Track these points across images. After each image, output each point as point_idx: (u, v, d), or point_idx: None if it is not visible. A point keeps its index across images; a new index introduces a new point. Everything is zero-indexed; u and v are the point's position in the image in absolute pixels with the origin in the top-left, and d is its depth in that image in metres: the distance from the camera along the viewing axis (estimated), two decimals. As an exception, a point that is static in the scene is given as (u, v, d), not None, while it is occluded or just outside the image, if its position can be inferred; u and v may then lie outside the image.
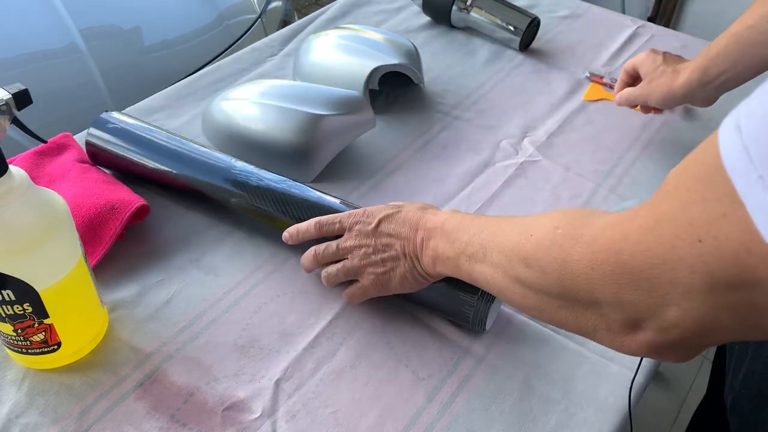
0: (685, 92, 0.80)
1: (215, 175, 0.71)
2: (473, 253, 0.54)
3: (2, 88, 0.52)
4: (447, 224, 0.58)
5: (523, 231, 0.50)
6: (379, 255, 0.62)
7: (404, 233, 0.61)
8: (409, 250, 0.61)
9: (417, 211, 0.63)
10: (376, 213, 0.63)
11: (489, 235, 0.54)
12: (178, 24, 1.47)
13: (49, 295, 0.55)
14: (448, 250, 0.57)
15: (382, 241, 0.62)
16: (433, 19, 1.14)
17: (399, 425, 0.58)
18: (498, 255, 0.52)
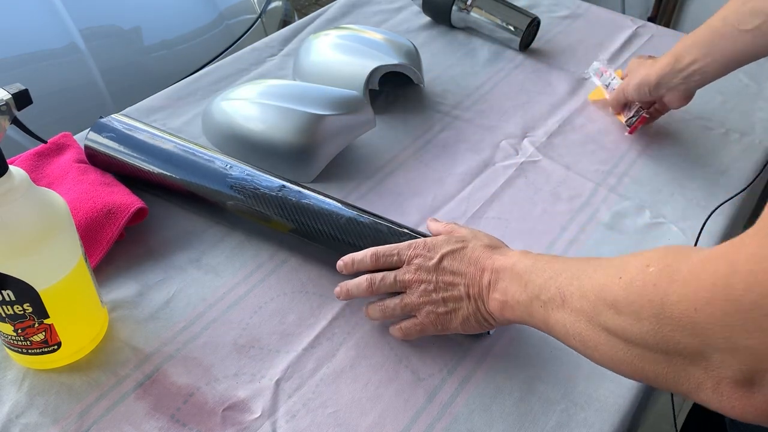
0: (658, 78, 0.80)
1: (212, 180, 0.71)
2: (550, 298, 0.49)
3: (2, 88, 0.52)
4: (518, 266, 0.54)
5: (609, 272, 0.44)
6: (441, 294, 0.58)
7: (470, 273, 0.57)
8: (473, 291, 0.57)
9: (484, 249, 0.58)
10: (438, 247, 0.59)
11: (568, 278, 0.48)
12: (178, 24, 1.47)
13: (49, 295, 0.55)
14: (519, 294, 0.53)
15: (444, 279, 0.58)
16: (433, 19, 1.14)
17: (399, 425, 0.58)
18: (580, 300, 0.46)
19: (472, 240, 0.60)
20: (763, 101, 0.99)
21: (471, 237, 0.60)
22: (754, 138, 0.92)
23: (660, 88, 0.81)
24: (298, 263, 0.71)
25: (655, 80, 0.80)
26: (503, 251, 0.58)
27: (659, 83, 0.80)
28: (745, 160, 0.88)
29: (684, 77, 0.78)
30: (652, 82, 0.81)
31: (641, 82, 0.82)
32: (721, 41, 0.74)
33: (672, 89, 0.80)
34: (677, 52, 0.78)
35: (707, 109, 0.97)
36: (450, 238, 0.60)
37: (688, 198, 0.82)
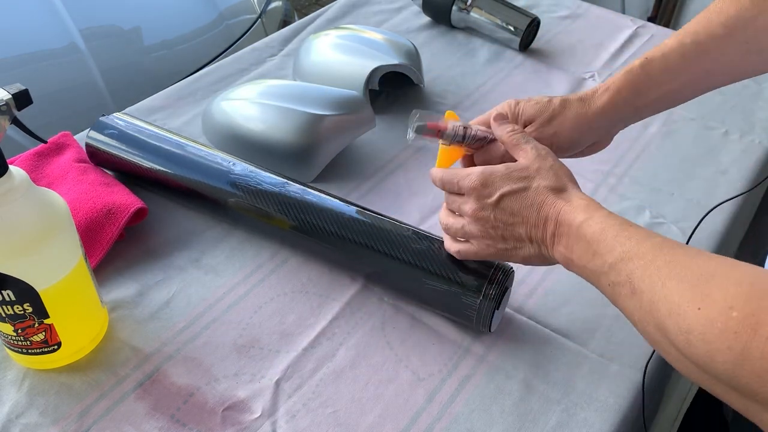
0: (606, 115, 0.63)
1: (214, 177, 0.71)
2: (618, 283, 0.47)
3: (2, 88, 0.52)
4: (584, 228, 0.51)
5: (687, 293, 0.41)
6: (500, 231, 0.56)
7: (532, 218, 0.54)
8: (536, 236, 0.55)
9: (547, 192, 0.54)
10: (497, 184, 0.55)
11: (640, 268, 0.45)
12: (178, 24, 1.47)
13: (49, 295, 0.55)
14: (586, 261, 0.50)
15: (503, 219, 0.55)
16: (433, 19, 1.14)
17: (399, 425, 0.58)
18: (650, 304, 0.43)
19: (536, 178, 0.55)
20: (763, 101, 0.99)
21: (534, 173, 0.56)
22: (754, 138, 0.92)
23: (602, 128, 0.65)
24: (298, 263, 0.71)
25: (600, 119, 0.63)
26: (569, 195, 0.54)
27: (605, 120, 0.64)
28: (745, 160, 0.88)
29: (645, 108, 0.65)
30: (594, 124, 0.64)
31: (579, 128, 0.64)
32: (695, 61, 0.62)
33: (618, 124, 0.66)
34: (632, 83, 0.63)
35: (707, 109, 0.97)
36: (510, 173, 0.56)
37: (688, 198, 0.82)
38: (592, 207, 0.52)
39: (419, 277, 0.63)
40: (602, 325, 0.67)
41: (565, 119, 0.63)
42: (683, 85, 0.63)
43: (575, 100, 0.64)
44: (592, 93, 0.64)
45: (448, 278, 0.62)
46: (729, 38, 0.60)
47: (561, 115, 0.63)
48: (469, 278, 0.61)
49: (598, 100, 0.63)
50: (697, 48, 0.61)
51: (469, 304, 0.61)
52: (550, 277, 0.71)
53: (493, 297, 0.61)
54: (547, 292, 0.70)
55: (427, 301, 0.65)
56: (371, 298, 0.68)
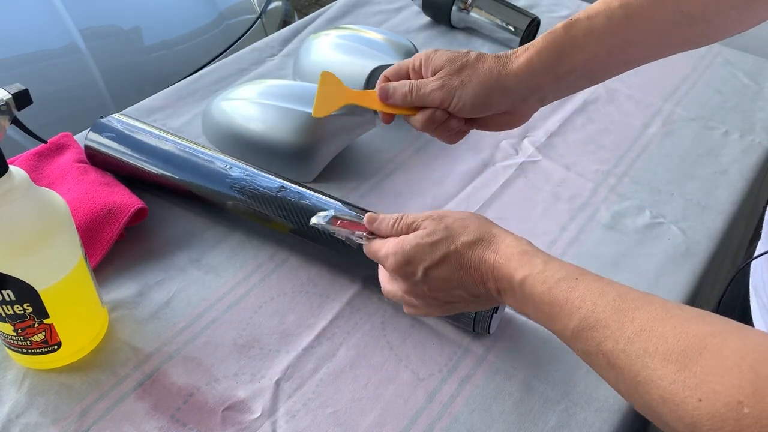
0: (521, 77, 0.57)
1: (211, 181, 0.71)
2: (589, 351, 0.42)
3: (2, 88, 0.52)
4: (530, 289, 0.46)
5: (679, 378, 0.36)
6: (441, 298, 0.53)
7: (467, 281, 0.50)
8: (480, 294, 0.51)
9: (469, 249, 0.50)
10: (417, 259, 0.51)
11: (609, 340, 0.40)
12: (178, 24, 1.47)
13: (49, 295, 0.55)
14: (545, 323, 0.46)
15: (438, 287, 0.51)
16: (433, 19, 1.14)
17: (399, 425, 0.58)
18: (633, 384, 0.39)
19: (449, 239, 0.50)
20: (763, 101, 0.99)
21: (444, 232, 0.51)
22: (754, 138, 0.92)
23: (519, 93, 0.58)
24: (298, 263, 0.71)
25: (515, 82, 0.58)
26: (492, 247, 0.49)
27: (522, 85, 0.58)
28: (745, 160, 0.88)
29: (567, 77, 0.58)
30: (510, 85, 0.58)
31: (490, 87, 0.58)
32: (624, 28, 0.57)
33: (537, 92, 0.59)
34: (557, 45, 0.58)
35: (707, 109, 0.97)
36: (423, 242, 0.51)
37: (688, 198, 0.82)
38: (524, 258, 0.47)
39: None
40: (602, 325, 0.66)
41: (475, 73, 0.57)
42: (608, 52, 0.57)
43: (492, 57, 0.58)
44: (512, 53, 0.58)
45: None
46: (657, 3, 0.54)
47: (471, 68, 0.58)
48: None
49: (516, 59, 0.57)
50: (624, 12, 0.55)
51: (464, 313, 0.61)
52: (550, 277, 0.71)
53: None
54: (547, 292, 0.70)
55: None
56: (371, 298, 0.68)
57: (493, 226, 0.52)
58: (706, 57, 1.08)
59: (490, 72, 0.57)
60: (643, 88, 1.01)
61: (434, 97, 0.59)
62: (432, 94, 0.59)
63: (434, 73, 0.59)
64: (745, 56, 1.08)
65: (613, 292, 0.42)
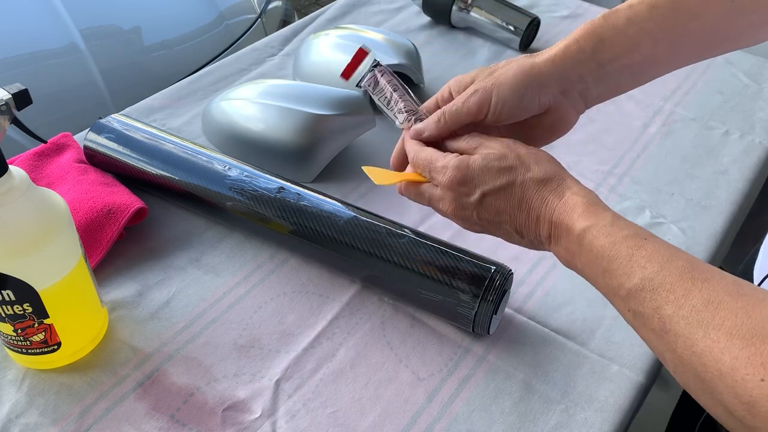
0: (558, 66, 0.52)
1: (210, 182, 0.71)
2: (642, 312, 0.40)
3: (2, 88, 0.52)
4: (590, 239, 0.44)
5: (743, 354, 0.34)
6: (485, 226, 0.50)
7: (520, 218, 0.48)
8: (529, 234, 0.48)
9: (535, 186, 0.47)
10: (478, 181, 0.48)
11: (671, 304, 0.38)
12: (178, 24, 1.47)
13: (49, 295, 0.55)
14: (596, 276, 0.44)
15: (487, 217, 0.49)
16: (433, 19, 1.14)
17: (399, 425, 0.58)
18: (688, 353, 0.37)
19: (518, 168, 0.48)
20: (763, 101, 0.99)
21: (515, 162, 0.48)
22: (754, 138, 0.92)
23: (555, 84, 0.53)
24: (298, 263, 0.71)
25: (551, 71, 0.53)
26: (559, 190, 0.47)
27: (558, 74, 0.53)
28: (745, 160, 0.88)
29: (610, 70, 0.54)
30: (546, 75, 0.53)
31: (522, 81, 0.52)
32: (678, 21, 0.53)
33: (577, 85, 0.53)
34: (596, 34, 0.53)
35: (707, 109, 0.97)
36: (489, 165, 0.48)
37: (688, 198, 0.82)
38: (591, 209, 0.46)
39: (415, 285, 0.63)
40: (602, 325, 0.67)
41: (508, 69, 0.53)
42: (654, 43, 0.52)
43: (522, 56, 0.54)
44: (544, 50, 0.54)
45: (444, 285, 0.62)
46: (705, 17, 0.51)
47: (503, 68, 0.53)
48: (465, 285, 0.61)
49: (549, 50, 0.53)
50: (672, 2, 0.52)
51: (464, 314, 0.62)
52: (550, 277, 0.71)
53: (491, 302, 0.60)
54: (547, 292, 0.70)
55: (424, 307, 0.65)
56: (371, 298, 0.68)
57: (565, 171, 0.49)
58: (706, 57, 1.08)
59: (524, 65, 0.52)
60: (643, 88, 1.00)
61: (471, 106, 0.53)
62: (467, 104, 0.53)
63: (466, 88, 0.55)
64: (746, 56, 1.08)
65: (683, 259, 0.40)
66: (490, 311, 0.61)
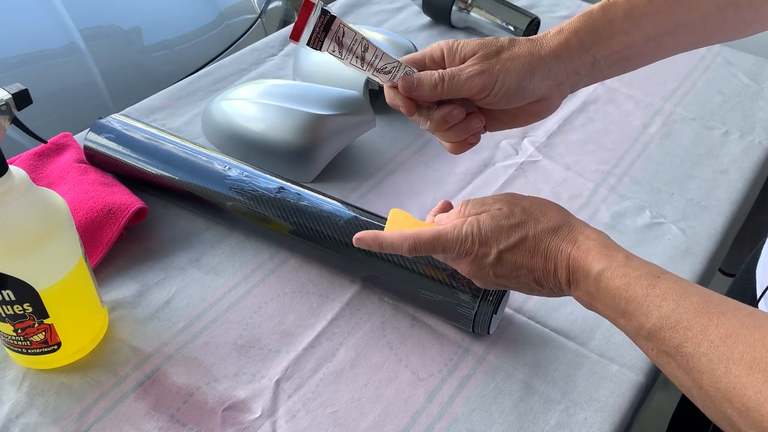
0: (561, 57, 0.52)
1: (210, 182, 0.71)
2: (666, 351, 0.40)
3: (2, 88, 0.52)
4: (606, 281, 0.44)
5: (765, 388, 0.34)
6: (503, 282, 0.51)
7: (538, 267, 0.48)
8: (548, 283, 0.49)
9: (548, 236, 0.48)
10: (493, 240, 0.49)
11: (690, 342, 0.39)
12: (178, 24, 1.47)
13: (49, 295, 0.55)
14: (617, 318, 0.44)
15: (505, 273, 0.50)
16: (433, 19, 1.14)
17: (399, 425, 0.58)
18: (712, 388, 0.37)
19: (528, 223, 0.49)
20: (763, 101, 0.99)
21: (523, 217, 0.50)
22: (754, 138, 0.92)
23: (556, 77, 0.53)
24: (298, 263, 0.71)
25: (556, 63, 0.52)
26: (573, 235, 0.48)
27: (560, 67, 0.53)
28: (745, 160, 0.88)
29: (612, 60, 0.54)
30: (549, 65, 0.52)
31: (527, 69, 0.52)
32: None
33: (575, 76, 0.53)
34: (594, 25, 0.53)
35: (707, 109, 0.97)
36: (501, 226, 0.49)
37: (688, 198, 0.82)
38: (604, 251, 0.46)
39: (415, 285, 0.63)
40: (602, 325, 0.67)
41: (515, 54, 0.52)
42: (648, 37, 0.52)
43: (524, 40, 0.53)
44: (543, 35, 0.53)
45: (444, 285, 0.62)
46: None
47: (510, 51, 0.52)
48: (465, 285, 0.61)
49: (551, 40, 0.52)
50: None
51: (464, 314, 0.62)
52: (550, 277, 0.71)
53: (491, 302, 0.60)
54: (547, 292, 0.70)
55: (424, 307, 0.65)
56: (371, 298, 0.68)
57: (572, 216, 0.50)
58: (706, 57, 1.08)
59: (531, 53, 0.51)
60: (643, 88, 1.01)
61: (473, 85, 0.51)
62: (470, 81, 0.51)
63: (463, 62, 0.52)
64: (745, 56, 1.08)
65: (696, 294, 0.41)
66: (490, 311, 0.61)
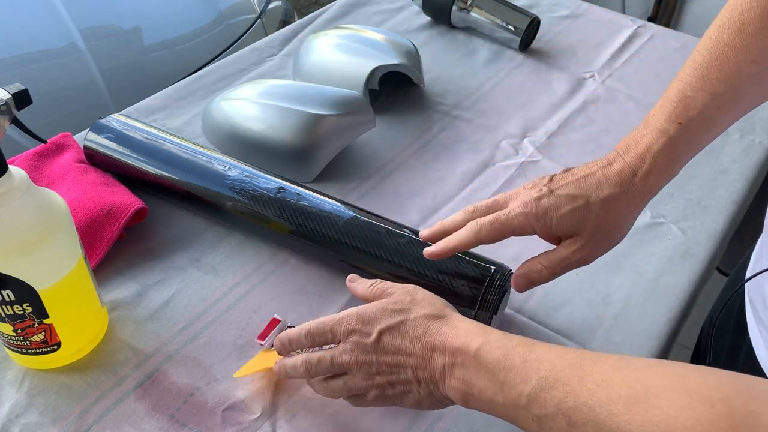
0: (653, 193, 0.57)
1: (210, 182, 0.71)
2: (547, 414, 0.40)
3: (2, 88, 0.52)
4: (485, 355, 0.45)
5: (647, 417, 0.34)
6: (386, 377, 0.50)
7: (416, 352, 0.48)
8: (423, 375, 0.48)
9: (428, 320, 0.49)
10: (375, 321, 0.51)
11: (569, 396, 0.39)
12: (178, 24, 1.47)
13: (49, 295, 0.55)
14: (493, 394, 0.44)
15: (386, 359, 0.50)
16: (433, 19, 1.14)
17: (399, 425, 0.58)
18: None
19: (412, 309, 0.51)
20: (763, 101, 0.99)
21: (409, 303, 0.51)
22: (754, 138, 0.92)
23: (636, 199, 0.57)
24: (298, 263, 0.71)
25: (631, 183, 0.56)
26: (451, 322, 0.49)
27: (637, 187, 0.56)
28: (745, 160, 0.88)
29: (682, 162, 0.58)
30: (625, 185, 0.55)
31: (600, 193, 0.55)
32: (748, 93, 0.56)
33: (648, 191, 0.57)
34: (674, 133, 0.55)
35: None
36: (386, 307, 0.51)
37: (688, 198, 0.82)
38: (482, 329, 0.47)
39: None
40: (602, 325, 0.67)
41: (614, 219, 0.56)
42: (722, 130, 0.57)
43: (616, 194, 0.55)
44: (631, 176, 0.55)
45: (444, 285, 0.62)
46: (765, 73, 0.54)
47: (606, 217, 0.55)
48: (465, 286, 0.61)
49: (642, 183, 0.55)
50: (734, 95, 0.54)
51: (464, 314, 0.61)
52: (550, 277, 0.71)
53: (491, 302, 0.60)
54: (547, 292, 0.70)
55: None
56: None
57: (455, 312, 0.51)
58: (706, 57, 1.08)
59: (628, 211, 0.56)
60: (643, 88, 1.01)
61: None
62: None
63: (561, 240, 0.56)
64: (745, 56, 1.08)
65: (571, 353, 0.42)
66: (490, 311, 0.61)
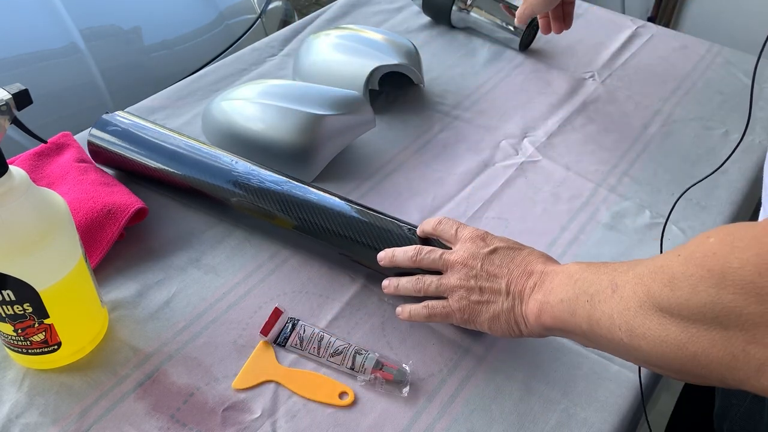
0: None
1: (216, 176, 0.71)
2: (599, 290, 0.47)
3: (2, 88, 0.52)
4: (572, 269, 0.53)
5: (668, 255, 0.42)
6: (480, 281, 0.57)
7: (515, 272, 0.56)
8: (514, 288, 0.56)
9: (539, 257, 0.58)
10: (498, 240, 0.59)
11: (624, 269, 0.46)
12: (178, 24, 1.47)
13: (49, 295, 0.55)
14: (565, 292, 0.51)
15: (489, 269, 0.57)
16: (433, 19, 1.14)
17: (399, 425, 0.58)
18: (634, 285, 0.44)
19: (528, 248, 0.59)
20: (763, 101, 0.99)
21: (526, 247, 0.60)
22: (754, 138, 0.92)
23: None
24: (298, 263, 0.71)
25: None
26: (558, 264, 0.57)
27: None
28: (745, 160, 0.88)
29: None
30: None
31: None
32: None
33: None
34: None
35: (707, 109, 0.97)
36: (508, 240, 0.60)
37: (688, 198, 0.82)
38: (579, 263, 0.54)
39: None
40: (602, 325, 0.66)
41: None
42: None
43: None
44: None
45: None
46: None
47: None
48: None
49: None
50: None
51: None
52: (550, 277, 0.71)
53: None
54: (547, 292, 0.70)
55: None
56: (371, 298, 0.68)
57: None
58: (706, 57, 1.08)
59: None
60: (643, 88, 1.01)
61: None
62: None
63: None
64: (745, 56, 1.08)
65: None
66: (490, 311, 0.61)
